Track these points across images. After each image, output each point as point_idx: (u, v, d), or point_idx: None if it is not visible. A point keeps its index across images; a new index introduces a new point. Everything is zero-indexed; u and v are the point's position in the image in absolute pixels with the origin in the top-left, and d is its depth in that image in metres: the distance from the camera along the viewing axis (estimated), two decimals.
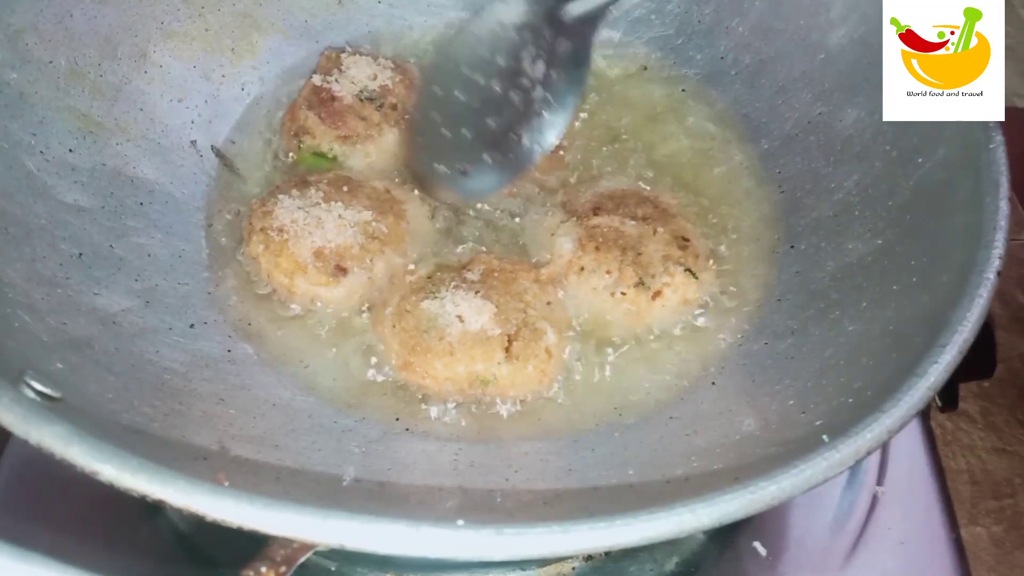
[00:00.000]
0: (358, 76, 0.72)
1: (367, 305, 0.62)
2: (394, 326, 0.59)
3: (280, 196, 0.64)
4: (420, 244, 0.66)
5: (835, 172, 0.66)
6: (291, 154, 0.71)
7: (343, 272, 0.61)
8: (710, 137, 0.74)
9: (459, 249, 0.66)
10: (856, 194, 0.63)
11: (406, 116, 0.71)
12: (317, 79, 0.72)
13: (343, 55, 0.73)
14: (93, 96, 0.64)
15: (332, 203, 0.63)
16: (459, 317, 0.58)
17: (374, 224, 0.63)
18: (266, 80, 0.76)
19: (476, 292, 0.59)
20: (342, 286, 0.61)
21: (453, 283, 0.60)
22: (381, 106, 0.71)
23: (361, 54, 0.74)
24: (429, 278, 0.62)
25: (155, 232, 0.63)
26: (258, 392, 0.56)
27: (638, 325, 0.62)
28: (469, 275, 0.61)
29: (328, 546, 0.36)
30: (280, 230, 0.62)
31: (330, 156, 0.70)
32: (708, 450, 0.51)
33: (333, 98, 0.70)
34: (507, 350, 0.57)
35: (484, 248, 0.66)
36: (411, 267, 0.64)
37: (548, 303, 0.61)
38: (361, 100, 0.71)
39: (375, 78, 0.72)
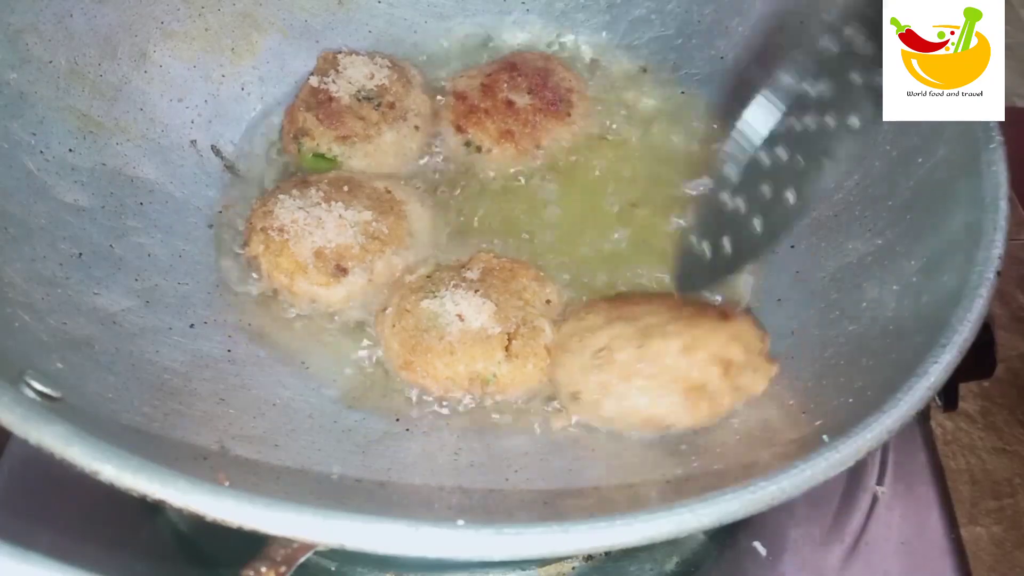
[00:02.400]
0: (355, 76, 0.72)
1: (367, 305, 0.62)
2: (394, 326, 0.59)
3: (281, 196, 0.64)
4: (421, 244, 0.66)
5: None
6: (291, 155, 0.71)
7: (343, 272, 0.61)
8: (710, 137, 0.74)
9: (460, 248, 0.66)
10: (856, 194, 0.63)
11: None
12: (314, 80, 0.72)
13: (340, 55, 0.73)
14: (93, 96, 0.64)
15: (333, 203, 0.63)
16: (459, 316, 0.58)
17: (374, 224, 0.63)
18: (266, 80, 0.76)
19: (475, 291, 0.59)
20: (342, 286, 0.61)
21: (452, 282, 0.60)
22: (379, 105, 0.71)
23: (358, 54, 0.74)
24: (428, 277, 0.62)
25: (155, 232, 0.63)
26: (258, 392, 0.56)
27: None
28: (468, 274, 0.61)
29: (328, 546, 0.36)
30: (280, 230, 0.62)
31: (329, 157, 0.70)
32: (708, 450, 0.51)
33: (331, 99, 0.70)
34: (507, 348, 0.57)
35: (484, 246, 0.66)
36: (410, 267, 0.64)
37: (547, 301, 0.61)
38: (359, 100, 0.71)
39: (372, 77, 0.72)
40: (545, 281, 0.63)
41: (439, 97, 0.75)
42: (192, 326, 0.58)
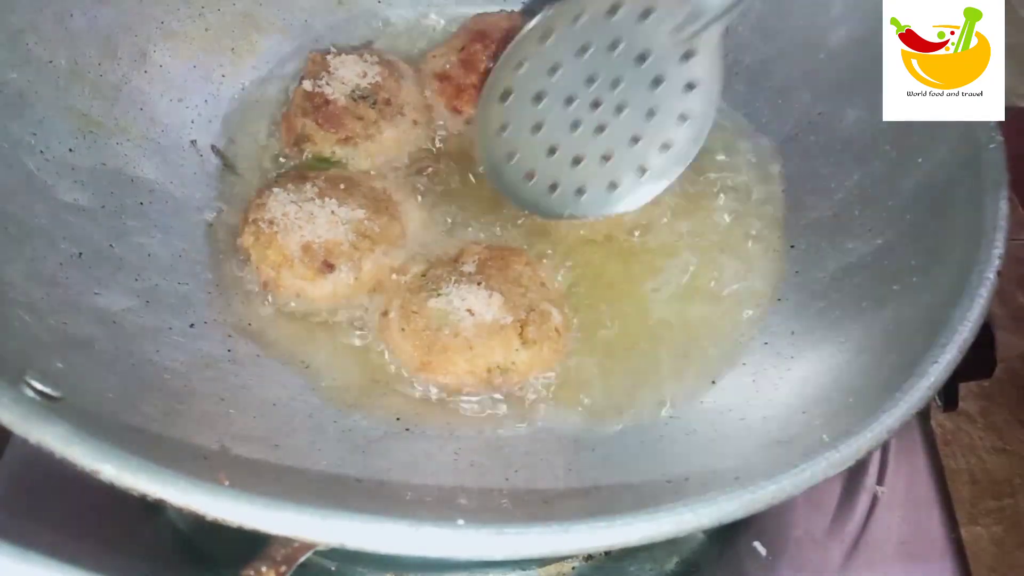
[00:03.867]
0: (348, 76, 0.71)
1: (359, 305, 0.63)
2: (403, 329, 0.59)
3: (275, 189, 0.64)
4: (413, 245, 0.66)
5: (835, 172, 0.66)
6: (292, 158, 0.71)
7: (330, 268, 0.61)
8: (710, 137, 0.74)
9: (448, 240, 0.66)
10: (856, 194, 0.63)
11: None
12: (307, 84, 0.71)
13: (329, 56, 0.73)
14: (93, 96, 0.64)
15: (326, 199, 0.63)
16: (469, 311, 0.58)
17: (367, 223, 0.63)
18: (266, 80, 0.76)
19: (478, 283, 0.59)
20: (328, 282, 0.61)
21: (452, 278, 0.60)
22: (375, 103, 0.71)
23: (347, 53, 0.73)
24: (423, 276, 0.62)
25: (155, 232, 0.63)
26: (258, 392, 0.56)
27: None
28: (465, 268, 0.61)
29: (328, 546, 0.36)
30: (271, 222, 0.62)
31: (333, 160, 0.70)
32: (708, 450, 0.51)
33: (327, 101, 0.70)
34: (521, 336, 0.58)
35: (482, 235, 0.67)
36: (400, 266, 0.64)
37: (542, 284, 0.62)
38: (355, 100, 0.70)
39: (365, 76, 0.71)
40: (535, 264, 0.64)
41: (427, 90, 0.75)
42: (192, 326, 0.58)
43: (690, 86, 0.62)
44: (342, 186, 0.65)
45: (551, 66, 0.61)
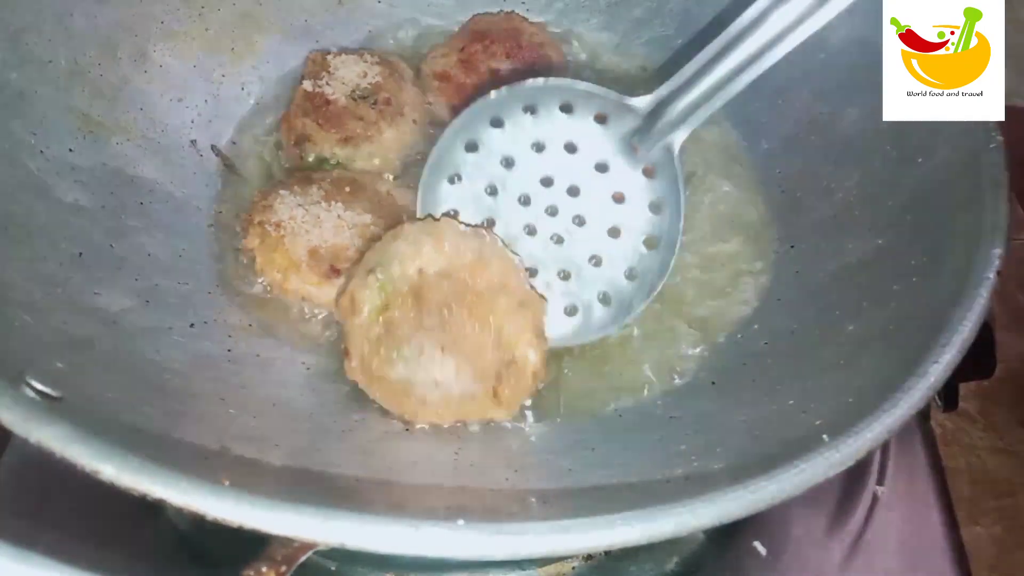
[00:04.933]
0: (348, 76, 0.71)
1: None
2: (371, 384, 0.55)
3: (282, 192, 0.64)
4: None
5: (835, 172, 0.66)
6: (294, 161, 0.71)
7: (336, 273, 0.61)
8: (709, 137, 0.74)
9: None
10: (856, 194, 0.63)
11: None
12: (308, 84, 0.71)
13: (328, 56, 0.73)
14: (93, 96, 0.64)
15: (333, 203, 0.63)
16: (436, 383, 0.54)
17: (372, 228, 0.63)
18: (266, 80, 0.76)
19: (442, 348, 0.53)
20: (333, 287, 0.61)
21: (413, 339, 0.53)
22: (375, 103, 0.71)
23: (347, 53, 0.73)
24: (379, 319, 0.54)
25: (155, 232, 0.63)
26: (258, 392, 0.56)
27: None
28: (426, 320, 0.54)
29: (328, 546, 0.36)
30: (278, 225, 0.62)
31: (334, 161, 0.70)
32: (708, 450, 0.51)
33: (327, 102, 0.70)
34: (496, 396, 0.54)
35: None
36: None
37: (520, 303, 0.55)
38: (355, 100, 0.70)
39: (365, 76, 0.72)
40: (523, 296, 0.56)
41: (427, 91, 0.75)
42: (192, 326, 0.58)
43: (655, 207, 0.59)
44: (348, 189, 0.65)
45: (505, 157, 0.59)
